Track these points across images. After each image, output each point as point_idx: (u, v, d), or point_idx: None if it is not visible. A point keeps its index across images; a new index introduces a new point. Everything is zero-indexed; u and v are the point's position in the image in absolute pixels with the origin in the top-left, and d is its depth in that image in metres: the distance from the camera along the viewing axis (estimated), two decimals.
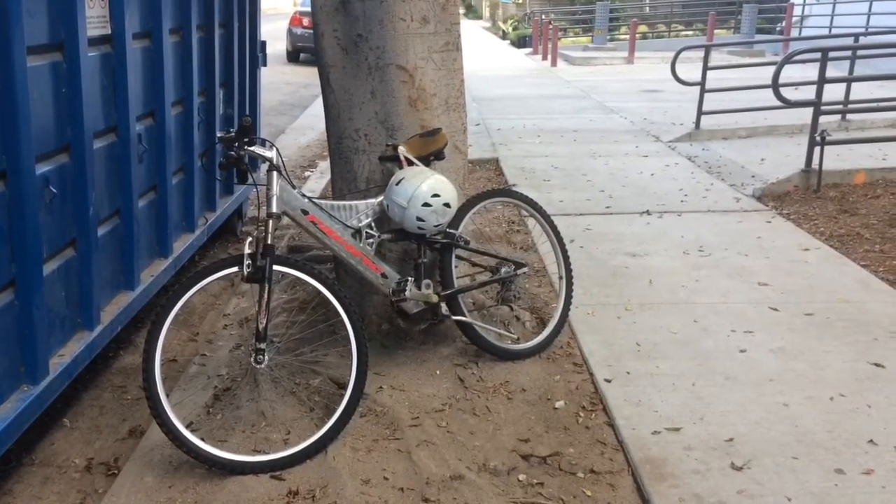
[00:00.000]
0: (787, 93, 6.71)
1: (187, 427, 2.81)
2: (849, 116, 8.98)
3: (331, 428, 2.85)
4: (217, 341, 3.76)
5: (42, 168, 2.78)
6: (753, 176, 6.99)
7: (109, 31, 3.32)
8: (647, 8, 29.40)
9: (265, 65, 5.81)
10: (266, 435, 2.93)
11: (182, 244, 4.21)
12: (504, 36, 29.40)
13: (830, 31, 17.11)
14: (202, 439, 2.76)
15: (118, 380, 3.64)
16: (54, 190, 2.86)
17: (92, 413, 3.38)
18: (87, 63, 3.00)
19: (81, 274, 3.11)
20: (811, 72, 7.36)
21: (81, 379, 3.43)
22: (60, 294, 2.98)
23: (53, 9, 2.82)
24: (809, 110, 6.70)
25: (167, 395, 2.78)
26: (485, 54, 22.00)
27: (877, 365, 3.45)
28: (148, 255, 3.85)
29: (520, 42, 25.72)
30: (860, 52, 9.23)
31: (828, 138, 6.41)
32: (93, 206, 3.11)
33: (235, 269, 2.85)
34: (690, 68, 10.14)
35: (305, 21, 17.31)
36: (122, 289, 3.55)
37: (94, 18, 3.16)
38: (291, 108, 11.89)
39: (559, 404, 3.17)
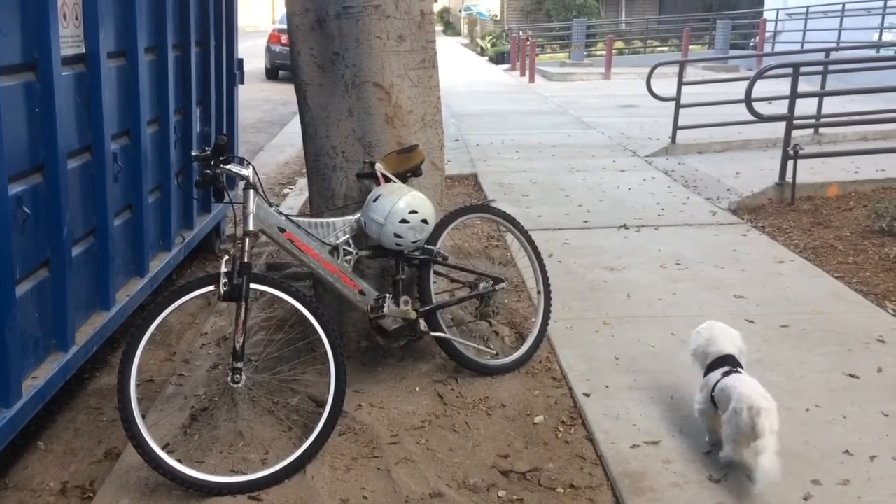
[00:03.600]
0: (761, 107, 6.81)
1: (164, 448, 2.78)
2: (821, 130, 9.12)
3: (309, 447, 2.83)
4: (194, 361, 3.73)
5: (15, 188, 2.75)
6: (729, 189, 7.08)
7: (84, 51, 3.31)
8: (623, 24, 29.76)
9: (242, 82, 5.81)
10: (244, 455, 2.90)
11: (159, 263, 4.18)
12: (482, 52, 29.56)
13: (802, 46, 17.39)
14: (179, 460, 2.73)
15: (93, 401, 3.60)
16: (27, 210, 2.83)
17: (67, 435, 3.33)
18: (60, 83, 2.98)
19: (55, 295, 3.08)
20: (784, 86, 7.46)
21: (56, 401, 3.38)
22: (34, 315, 2.94)
23: (26, 28, 2.80)
24: (782, 124, 6.79)
25: (143, 416, 2.75)
26: (463, 70, 22.12)
27: (851, 375, 3.48)
28: (124, 275, 3.82)
29: (498, 58, 25.89)
30: (831, 67, 9.39)
31: (801, 152, 6.51)
32: (67, 225, 3.08)
33: (212, 287, 2.84)
34: (666, 83, 10.25)
35: (284, 38, 17.28)
36: (97, 309, 3.52)
37: (67, 38, 3.15)
38: (270, 126, 11.87)
39: (538, 419, 3.18)
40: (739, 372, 2.86)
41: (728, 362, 2.92)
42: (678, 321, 4.09)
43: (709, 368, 2.96)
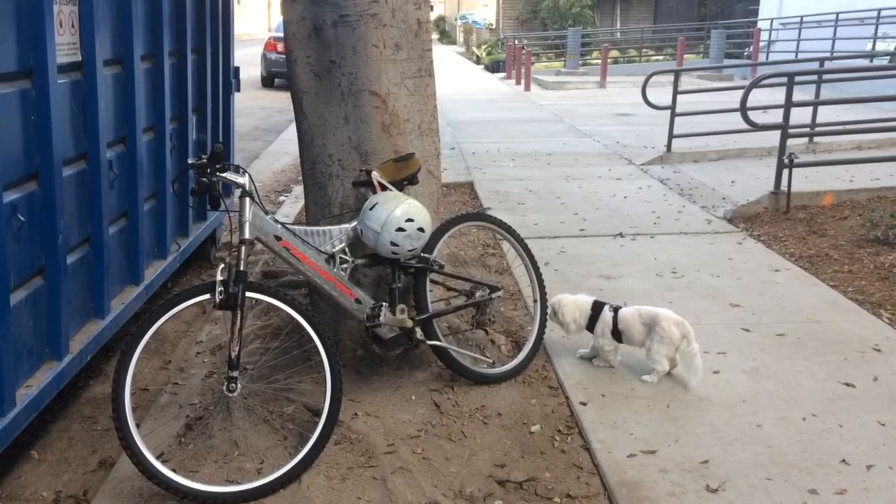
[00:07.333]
0: (756, 116, 6.83)
1: (158, 458, 2.76)
2: (816, 139, 9.15)
3: (305, 456, 2.81)
4: (189, 369, 3.71)
5: (10, 196, 2.74)
6: (724, 198, 7.09)
7: (80, 58, 3.30)
8: (619, 33, 29.88)
9: (239, 90, 5.80)
10: (239, 464, 2.89)
11: (154, 271, 4.17)
12: (478, 61, 29.64)
13: (797, 55, 17.47)
14: (173, 470, 2.71)
15: (88, 410, 3.58)
16: (22, 218, 2.82)
17: (60, 445, 3.31)
18: (56, 90, 2.97)
19: (50, 303, 3.06)
20: (778, 95, 7.50)
21: (50, 410, 3.37)
22: (28, 323, 2.93)
23: (22, 36, 2.80)
24: (777, 133, 6.82)
25: (138, 426, 2.74)
26: (459, 78, 22.16)
27: (847, 384, 3.48)
28: (119, 283, 3.81)
29: (493, 67, 25.96)
30: (826, 77, 9.43)
31: (796, 161, 6.52)
32: (62, 233, 3.07)
33: (208, 295, 2.82)
34: (661, 92, 10.29)
35: (280, 46, 17.32)
36: (91, 317, 3.50)
37: (64, 45, 3.14)
38: (266, 133, 11.87)
39: (535, 428, 3.17)
40: (624, 306, 3.56)
41: (601, 305, 3.58)
42: None
43: (592, 318, 3.58)
